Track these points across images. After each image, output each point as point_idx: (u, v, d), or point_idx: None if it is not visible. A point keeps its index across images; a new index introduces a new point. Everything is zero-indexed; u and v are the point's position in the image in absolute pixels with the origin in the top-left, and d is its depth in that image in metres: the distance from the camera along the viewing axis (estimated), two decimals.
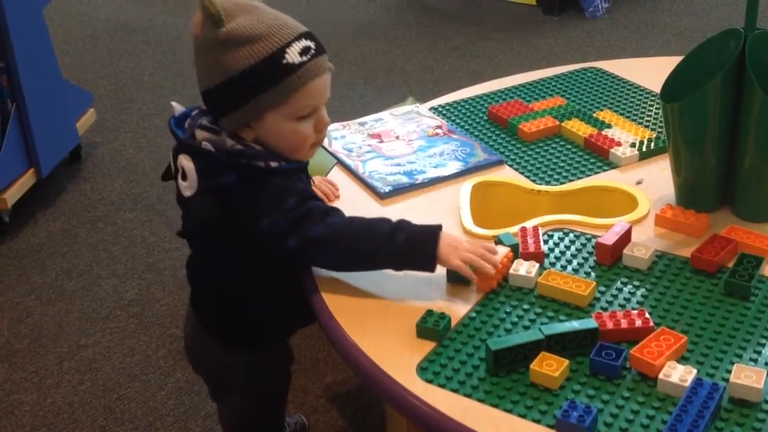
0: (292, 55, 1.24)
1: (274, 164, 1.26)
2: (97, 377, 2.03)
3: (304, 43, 1.26)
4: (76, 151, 2.95)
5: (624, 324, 1.11)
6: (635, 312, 1.13)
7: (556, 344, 1.09)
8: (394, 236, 1.22)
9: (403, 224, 1.25)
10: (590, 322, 1.10)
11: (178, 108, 1.34)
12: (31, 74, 2.62)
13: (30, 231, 2.62)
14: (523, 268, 1.23)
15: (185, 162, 1.27)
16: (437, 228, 1.24)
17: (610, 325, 1.11)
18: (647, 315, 1.13)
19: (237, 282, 1.34)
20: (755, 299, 1.18)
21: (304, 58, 1.25)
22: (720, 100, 1.29)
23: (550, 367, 1.05)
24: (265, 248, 1.26)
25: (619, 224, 1.30)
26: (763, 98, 1.24)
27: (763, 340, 1.11)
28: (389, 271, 1.25)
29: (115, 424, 1.89)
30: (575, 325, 1.10)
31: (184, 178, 1.28)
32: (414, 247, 1.22)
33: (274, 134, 1.27)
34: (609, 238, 1.27)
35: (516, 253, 1.27)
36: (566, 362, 1.06)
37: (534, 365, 1.05)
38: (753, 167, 1.31)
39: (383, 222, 1.25)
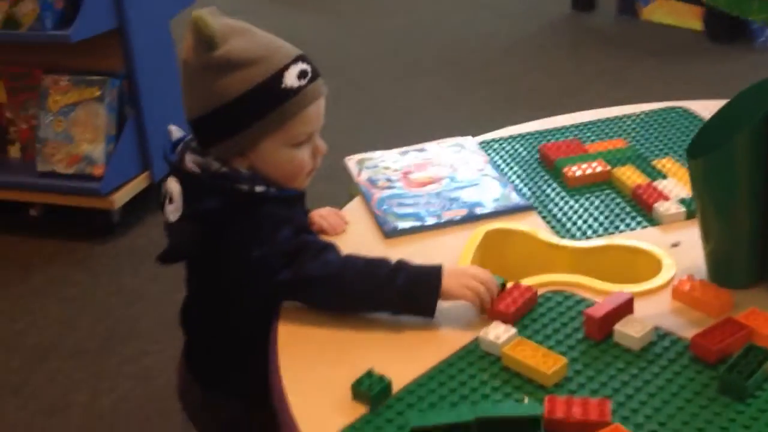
0: (290, 78, 1.19)
1: (259, 189, 1.20)
2: (148, 386, 2.05)
3: (301, 66, 1.21)
4: None
5: (577, 415, 0.95)
6: (595, 401, 0.97)
7: (491, 428, 0.95)
8: (395, 277, 1.14)
9: (403, 265, 1.16)
10: (535, 408, 0.96)
11: (175, 133, 1.31)
12: (152, 82, 2.71)
13: (135, 233, 2.71)
14: (495, 332, 1.10)
15: (173, 185, 1.23)
16: (438, 269, 1.15)
17: (559, 414, 0.96)
18: (608, 407, 0.97)
19: (214, 313, 1.29)
20: (753, 402, 0.99)
21: (302, 82, 1.20)
22: (751, 157, 1.09)
23: None
24: (253, 281, 1.20)
25: (619, 293, 1.14)
26: None
27: None
28: None
29: None
30: (516, 409, 0.96)
31: (171, 201, 1.25)
32: (416, 291, 1.14)
33: (271, 162, 1.22)
34: (599, 309, 1.11)
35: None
36: None
37: None
38: None
39: (383, 263, 1.17)
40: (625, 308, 1.12)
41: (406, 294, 1.14)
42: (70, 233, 2.71)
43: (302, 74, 1.20)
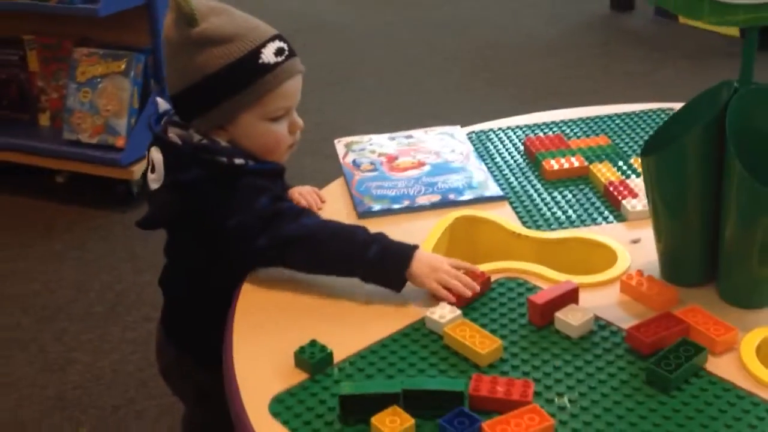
0: (267, 55, 1.25)
1: (238, 161, 1.25)
2: (148, 351, 2.12)
3: (278, 44, 1.26)
4: None
5: (499, 393, 1.00)
6: (520, 382, 1.01)
7: (416, 401, 0.99)
8: (369, 247, 1.19)
9: (379, 237, 1.21)
10: (457, 384, 1.00)
11: (162, 105, 1.36)
12: None
13: None
14: (440, 312, 1.14)
15: (155, 154, 1.29)
16: (412, 249, 1.19)
17: (483, 391, 1.00)
18: (531, 388, 1.00)
19: (188, 281, 1.35)
20: (677, 394, 1.02)
21: (279, 59, 1.25)
22: (701, 157, 1.12)
23: (392, 423, 0.96)
24: (232, 248, 1.26)
25: (565, 283, 1.17)
26: (741, 169, 1.06)
27: None
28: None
29: (143, 397, 1.98)
30: (441, 383, 1.01)
31: (153, 170, 1.31)
32: (385, 263, 1.19)
33: (249, 135, 1.27)
34: (542, 296, 1.14)
35: None
36: (411, 421, 0.96)
37: (375, 419, 0.97)
38: (735, 239, 1.12)
39: (359, 230, 1.22)
40: (569, 297, 1.16)
41: (375, 265, 1.19)
42: (92, 201, 2.81)
43: (279, 51, 1.26)
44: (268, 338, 1.14)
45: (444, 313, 1.14)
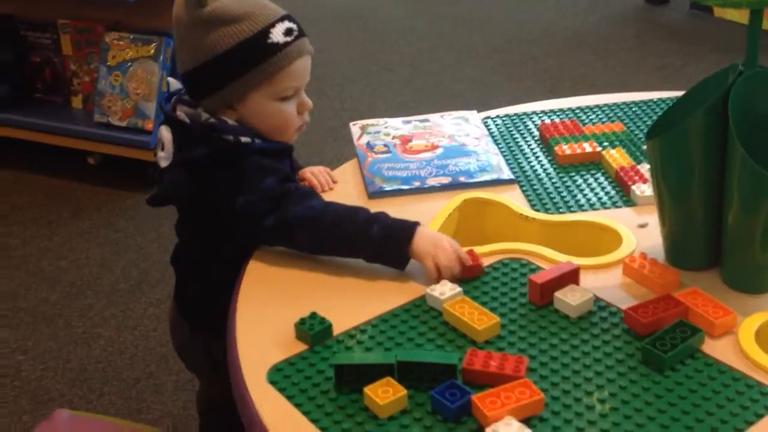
0: (277, 35, 1.27)
1: (245, 139, 1.27)
2: (168, 328, 2.16)
3: (287, 24, 1.29)
4: None
5: (492, 368, 1.01)
6: (514, 357, 1.03)
7: (410, 372, 1.01)
8: (370, 227, 1.21)
9: (380, 216, 1.23)
10: (451, 357, 1.02)
11: (174, 84, 1.39)
12: None
13: None
14: (441, 289, 1.16)
15: (165, 133, 1.31)
16: (413, 225, 1.21)
17: (477, 365, 1.01)
18: (525, 364, 1.02)
19: (199, 258, 1.38)
20: (671, 374, 1.02)
21: (288, 38, 1.28)
22: (704, 141, 1.12)
23: (385, 393, 0.98)
24: (239, 227, 1.28)
25: (566, 263, 1.18)
26: (742, 153, 1.06)
27: (644, 420, 0.96)
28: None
29: (162, 372, 2.02)
30: (435, 356, 1.02)
31: (162, 149, 1.33)
32: (387, 242, 1.20)
33: (258, 114, 1.29)
34: (543, 276, 1.15)
35: None
36: (403, 392, 0.98)
37: (368, 388, 0.99)
38: (737, 224, 1.12)
39: (361, 211, 1.24)
40: (570, 277, 1.16)
41: (379, 243, 1.20)
42: (121, 182, 2.86)
43: (288, 32, 1.28)
44: (272, 311, 1.16)
45: (444, 290, 1.15)
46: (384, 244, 1.20)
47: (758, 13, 1.07)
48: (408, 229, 1.21)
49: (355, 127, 1.65)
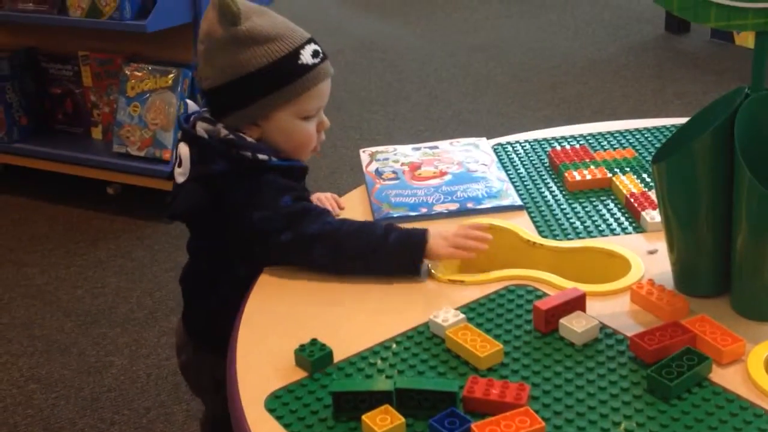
0: (306, 56, 1.31)
1: (262, 156, 1.29)
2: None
3: (314, 46, 1.34)
4: None
5: (493, 395, 0.99)
6: (515, 385, 1.01)
7: (409, 400, 1.00)
8: (388, 235, 1.25)
9: (393, 226, 1.28)
10: (450, 384, 1.00)
11: (192, 106, 1.40)
12: None
13: None
14: (444, 316, 1.14)
15: (182, 149, 1.33)
16: (425, 229, 1.27)
17: (478, 393, 1.00)
18: (527, 392, 1.00)
19: (207, 276, 1.38)
20: (677, 403, 1.00)
21: (316, 60, 1.32)
22: (710, 164, 1.10)
23: (383, 421, 0.96)
24: (255, 242, 1.28)
25: (571, 290, 1.16)
26: (749, 176, 1.04)
27: None
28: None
29: (173, 401, 2.01)
30: (435, 384, 1.01)
31: (180, 165, 1.34)
32: (407, 246, 1.24)
33: (281, 131, 1.32)
34: (547, 303, 1.13)
35: None
36: (401, 420, 0.96)
37: (366, 416, 0.97)
38: (746, 249, 1.10)
39: (376, 224, 1.29)
40: (575, 304, 1.14)
41: (396, 250, 1.23)
42: (140, 212, 2.88)
43: (315, 54, 1.32)
44: (273, 336, 1.15)
45: (447, 317, 1.14)
46: (405, 248, 1.24)
47: (764, 36, 1.05)
48: (422, 232, 1.26)
49: (364, 154, 1.65)
